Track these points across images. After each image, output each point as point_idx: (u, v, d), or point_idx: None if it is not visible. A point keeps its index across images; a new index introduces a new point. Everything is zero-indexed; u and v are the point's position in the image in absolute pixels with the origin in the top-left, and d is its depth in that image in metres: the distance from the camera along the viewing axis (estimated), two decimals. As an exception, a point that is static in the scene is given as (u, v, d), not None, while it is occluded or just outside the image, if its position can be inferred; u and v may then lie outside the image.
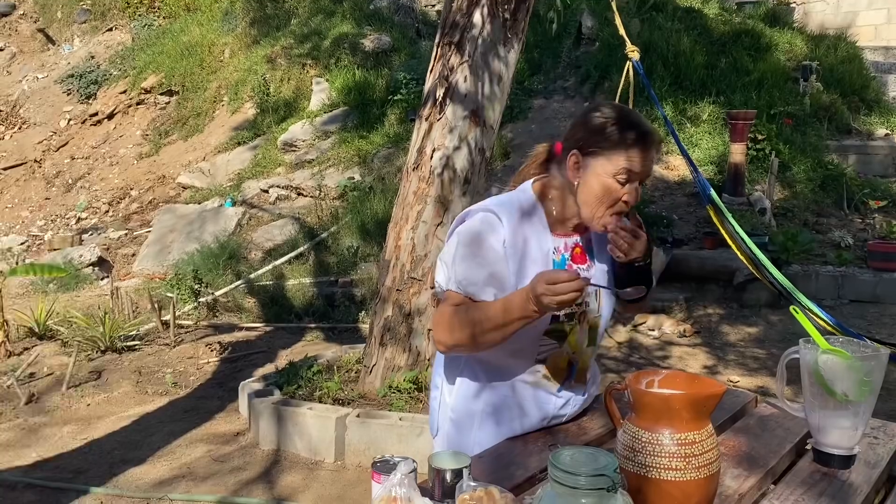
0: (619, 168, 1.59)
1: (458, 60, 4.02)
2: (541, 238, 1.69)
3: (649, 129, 1.62)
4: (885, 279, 6.16)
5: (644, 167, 1.61)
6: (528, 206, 1.71)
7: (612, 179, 1.60)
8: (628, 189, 1.61)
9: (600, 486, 1.14)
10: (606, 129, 1.61)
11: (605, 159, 1.60)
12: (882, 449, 1.71)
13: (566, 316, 1.68)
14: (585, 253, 1.76)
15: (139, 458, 3.95)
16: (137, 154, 11.40)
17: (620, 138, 1.59)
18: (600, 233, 1.71)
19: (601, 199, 1.61)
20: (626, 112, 1.64)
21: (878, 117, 8.69)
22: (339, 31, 11.28)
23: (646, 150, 1.59)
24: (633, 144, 1.58)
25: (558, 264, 1.70)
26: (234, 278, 7.22)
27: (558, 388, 1.76)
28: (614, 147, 1.59)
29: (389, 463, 1.38)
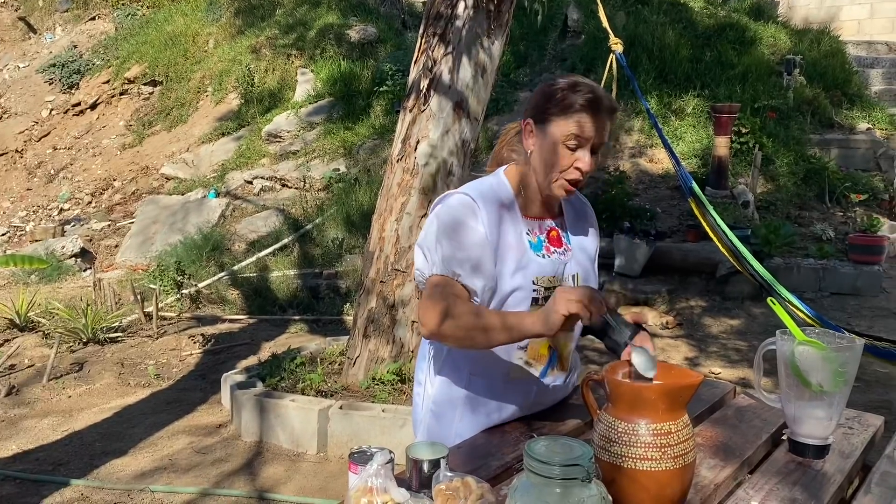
0: (568, 133, 1.59)
1: (443, 52, 4.01)
2: (515, 222, 1.69)
3: (600, 94, 1.61)
4: (866, 272, 6.22)
5: (594, 132, 1.59)
6: (501, 190, 1.71)
7: (562, 146, 1.60)
8: (580, 155, 1.60)
9: (574, 475, 1.14)
10: (557, 95, 1.61)
11: (555, 125, 1.61)
12: (856, 439, 1.72)
13: (544, 299, 1.67)
14: (562, 237, 1.77)
15: (120, 449, 3.92)
16: (121, 145, 11.30)
17: (569, 103, 1.59)
18: (563, 201, 1.75)
19: (553, 165, 1.62)
20: (578, 79, 1.64)
21: (859, 111, 8.75)
22: (324, 21, 11.22)
23: (595, 114, 1.58)
24: (581, 109, 1.58)
25: (534, 246, 1.70)
26: (217, 270, 7.19)
27: (540, 374, 1.76)
28: (564, 112, 1.59)
29: (366, 454, 1.37)
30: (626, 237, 6.44)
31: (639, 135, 8.30)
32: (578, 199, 1.87)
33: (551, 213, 1.77)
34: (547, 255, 1.71)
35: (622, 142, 8.32)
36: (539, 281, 1.67)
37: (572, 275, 1.74)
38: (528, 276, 1.66)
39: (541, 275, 1.67)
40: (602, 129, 1.61)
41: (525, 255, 1.67)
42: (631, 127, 8.41)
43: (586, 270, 1.78)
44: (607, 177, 7.39)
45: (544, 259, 1.70)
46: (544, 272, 1.68)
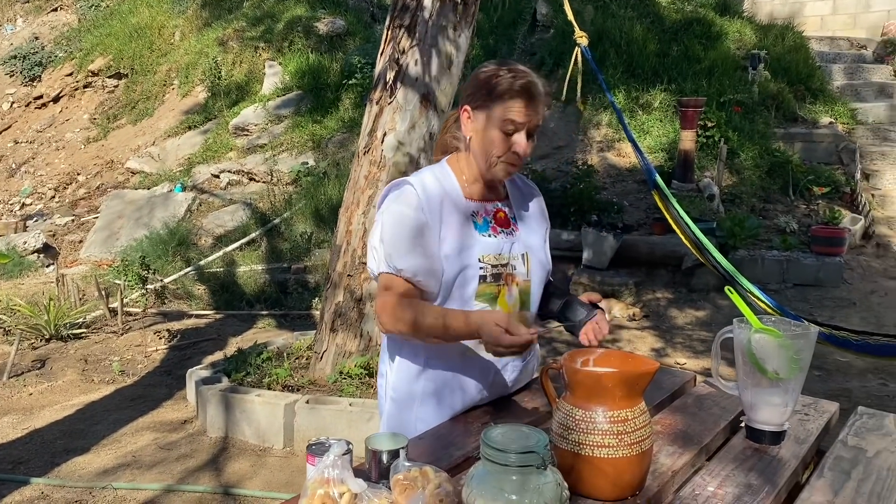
0: (503, 118, 1.64)
1: (409, 43, 3.99)
2: (458, 206, 1.73)
3: (532, 79, 1.66)
4: (828, 263, 6.33)
5: (528, 117, 1.65)
6: (444, 178, 1.76)
7: (497, 130, 1.66)
8: (517, 139, 1.66)
9: (530, 462, 1.14)
10: (490, 81, 1.66)
11: (490, 111, 1.66)
12: (812, 425, 1.75)
13: (493, 277, 1.72)
14: (509, 218, 1.81)
15: (83, 447, 3.86)
16: (85, 138, 11.11)
17: (503, 90, 1.64)
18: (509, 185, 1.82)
19: (491, 149, 1.68)
20: (510, 65, 1.69)
21: (822, 106, 8.88)
22: (292, 14, 11.12)
23: (528, 100, 1.64)
24: (515, 95, 1.63)
25: (480, 227, 1.74)
26: (183, 265, 7.11)
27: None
28: (498, 98, 1.65)
29: (324, 445, 1.36)
30: (594, 230, 6.48)
31: (606, 129, 8.35)
32: (525, 183, 1.92)
33: (496, 195, 1.82)
34: (493, 234, 1.76)
35: (590, 136, 8.37)
36: (485, 259, 1.72)
37: (521, 254, 1.78)
38: (474, 254, 1.70)
39: (486, 253, 1.72)
40: (537, 112, 1.66)
41: (470, 235, 1.72)
42: (599, 121, 8.46)
43: (535, 250, 1.82)
44: (575, 171, 7.42)
45: (490, 238, 1.74)
46: (490, 251, 1.73)
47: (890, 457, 1.59)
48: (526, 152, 1.68)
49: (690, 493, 1.41)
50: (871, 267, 6.70)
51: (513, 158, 1.68)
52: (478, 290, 1.70)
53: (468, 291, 1.70)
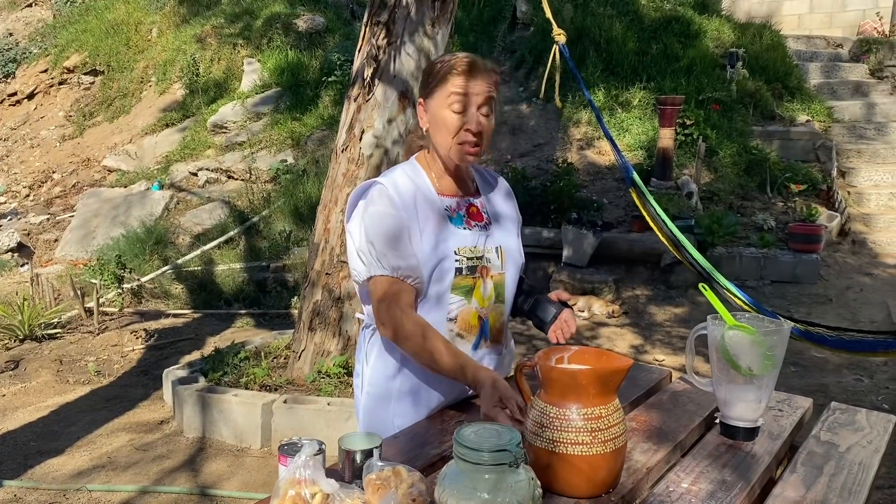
0: (448, 95, 1.67)
1: (387, 41, 3.97)
2: (432, 201, 1.74)
3: (474, 57, 1.70)
4: (805, 260, 6.39)
5: (474, 90, 1.66)
6: (415, 174, 1.77)
7: (447, 110, 1.68)
8: (469, 116, 1.67)
9: (503, 461, 1.14)
10: (433, 69, 1.72)
11: (437, 94, 1.70)
12: (785, 421, 1.76)
13: (468, 269, 1.73)
14: (482, 212, 1.82)
15: (57, 449, 3.81)
16: (60, 136, 10.97)
17: (446, 70, 1.69)
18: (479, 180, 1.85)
19: (445, 131, 1.69)
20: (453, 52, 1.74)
21: (799, 104, 8.97)
22: (271, 10, 11.05)
23: (469, 73, 1.67)
24: (457, 73, 1.67)
25: (455, 221, 1.75)
26: (161, 264, 7.04)
27: (472, 345, 1.77)
28: (442, 80, 1.69)
29: (296, 445, 1.35)
30: (574, 228, 6.50)
31: (586, 127, 8.37)
32: (493, 178, 1.94)
33: (468, 190, 1.83)
34: (468, 227, 1.77)
35: (570, 134, 8.38)
36: (461, 251, 1.73)
37: (495, 247, 1.79)
38: (450, 247, 1.71)
39: (462, 245, 1.73)
40: (483, 85, 1.67)
41: (445, 228, 1.73)
42: (579, 119, 8.48)
43: (509, 244, 1.83)
44: (555, 169, 7.44)
45: (465, 231, 1.75)
46: (466, 243, 1.74)
47: (861, 451, 1.61)
48: (480, 127, 1.68)
49: (665, 489, 1.41)
50: (847, 263, 6.78)
51: (466, 136, 1.68)
52: (453, 283, 1.71)
53: (444, 284, 1.71)
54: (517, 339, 5.28)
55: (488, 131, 1.71)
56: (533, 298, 1.87)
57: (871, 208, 7.73)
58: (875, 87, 9.48)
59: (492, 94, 1.69)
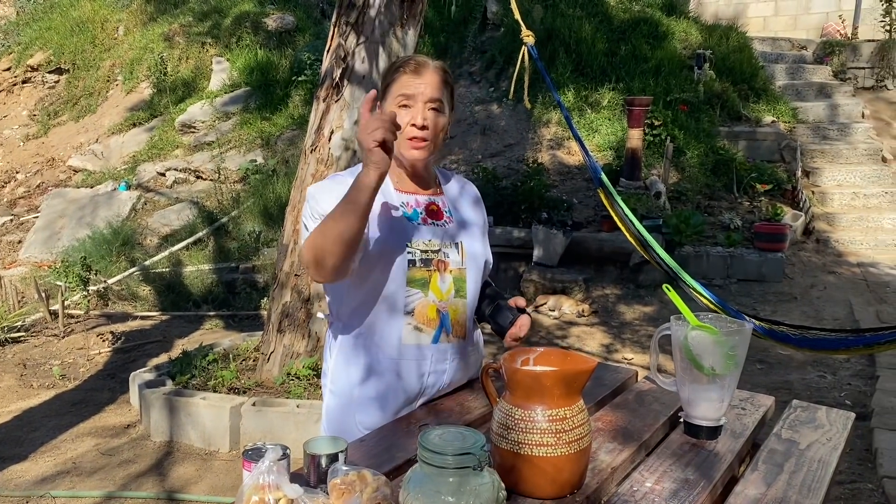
0: (395, 95, 1.73)
1: (356, 41, 3.96)
2: (388, 196, 1.77)
3: (420, 57, 1.77)
4: (770, 259, 6.49)
5: (419, 89, 1.71)
6: None
7: (395, 109, 1.72)
8: (415, 111, 1.71)
9: (467, 464, 1.14)
10: (385, 74, 1.79)
11: (389, 96, 1.75)
12: (748, 419, 1.79)
13: (422, 262, 1.74)
14: (443, 210, 1.84)
15: (20, 455, 3.74)
16: (24, 135, 10.77)
17: (394, 71, 1.76)
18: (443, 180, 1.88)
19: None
20: (406, 55, 1.78)
21: (765, 105, 9.11)
22: (240, 9, 10.96)
23: (414, 72, 1.72)
24: (402, 73, 1.73)
25: (410, 216, 1.77)
26: (128, 265, 6.94)
27: (433, 339, 1.77)
28: (390, 82, 1.75)
29: (260, 451, 1.34)
30: (544, 228, 6.53)
31: (556, 127, 8.42)
32: (458, 179, 1.97)
33: (427, 188, 1.85)
34: (423, 224, 1.79)
35: (540, 134, 8.43)
36: (414, 244, 1.74)
37: (454, 242, 1.81)
38: (402, 238, 1.74)
39: (415, 239, 1.75)
40: (427, 84, 1.72)
41: (399, 220, 1.75)
42: (549, 119, 8.53)
43: (470, 241, 1.84)
44: (526, 169, 7.47)
45: (420, 226, 1.78)
46: (421, 237, 1.76)
47: (821, 448, 1.63)
48: (427, 123, 1.71)
49: (629, 489, 1.42)
50: (812, 262, 6.90)
51: (412, 132, 1.71)
52: (408, 276, 1.72)
53: (399, 274, 1.72)
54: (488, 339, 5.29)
55: (435, 127, 1.74)
56: (494, 304, 1.88)
57: (834, 207, 7.87)
58: (838, 89, 9.66)
59: (438, 94, 1.73)
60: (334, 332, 1.83)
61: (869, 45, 10.07)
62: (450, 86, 1.78)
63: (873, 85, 9.97)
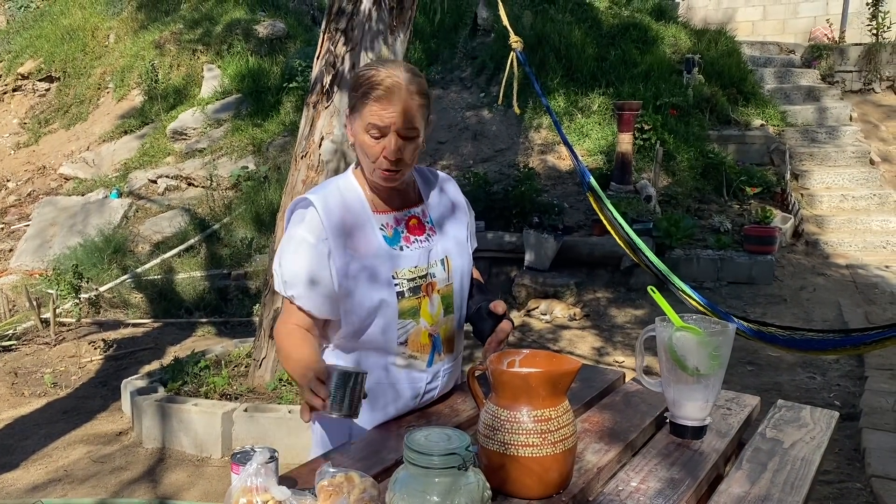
0: (366, 123, 1.59)
1: (345, 48, 3.98)
2: (365, 221, 1.68)
3: (394, 79, 1.58)
4: (760, 261, 6.53)
5: (388, 119, 1.57)
6: (348, 190, 1.71)
7: (366, 135, 1.61)
8: (385, 143, 1.59)
9: (452, 464, 1.15)
10: (356, 83, 1.62)
11: (357, 116, 1.62)
12: (733, 419, 1.81)
13: (410, 291, 1.68)
14: (424, 223, 1.77)
15: (11, 463, 3.74)
16: (15, 143, 10.75)
17: (361, 94, 1.60)
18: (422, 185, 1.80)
19: (365, 157, 1.64)
20: (378, 66, 1.62)
21: (754, 108, 9.17)
22: (231, 16, 10.97)
23: (387, 101, 1.57)
24: (374, 97, 1.58)
25: (390, 240, 1.69)
26: (119, 273, 6.93)
27: (427, 363, 1.76)
28: (359, 103, 1.61)
29: (248, 454, 1.35)
30: (536, 232, 6.56)
31: (547, 132, 8.46)
32: (435, 176, 1.88)
33: (407, 201, 1.76)
34: (406, 245, 1.71)
35: (531, 139, 8.46)
36: (399, 274, 1.67)
37: (440, 259, 1.75)
38: (388, 271, 1.66)
39: (400, 268, 1.68)
40: (397, 113, 1.58)
41: (381, 251, 1.67)
42: (539, 124, 8.56)
43: (456, 251, 1.79)
44: (517, 173, 7.50)
45: (403, 251, 1.70)
46: (404, 265, 1.68)
47: (805, 447, 1.66)
48: (398, 155, 1.60)
49: (614, 488, 1.44)
50: (801, 264, 6.95)
51: (385, 164, 1.61)
52: (400, 309, 1.67)
53: (388, 313, 1.66)
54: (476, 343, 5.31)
55: (409, 155, 1.62)
56: (477, 307, 1.81)
57: (823, 210, 7.93)
58: (826, 92, 9.74)
59: (411, 121, 1.59)
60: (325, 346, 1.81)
61: (856, 49, 10.15)
62: (426, 96, 1.63)
63: (861, 88, 10.05)
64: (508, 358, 1.49)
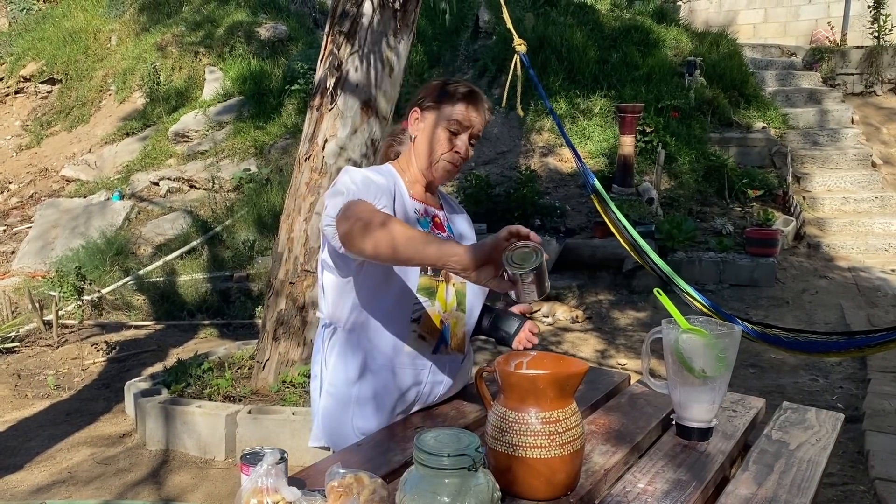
0: (450, 118, 1.78)
1: (349, 50, 3.99)
2: (405, 199, 1.80)
3: (476, 89, 1.84)
4: (762, 264, 6.53)
5: (471, 120, 1.79)
6: (388, 173, 1.83)
7: (444, 129, 1.78)
8: (460, 140, 1.80)
9: (462, 465, 1.16)
10: (443, 87, 1.83)
11: (438, 111, 1.80)
12: (739, 421, 1.81)
13: (432, 270, 1.77)
14: (445, 226, 1.88)
15: (15, 464, 3.74)
16: (17, 146, 10.76)
17: (450, 93, 1.80)
18: (440, 197, 1.93)
19: (434, 147, 1.79)
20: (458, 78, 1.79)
21: (755, 111, 9.18)
22: (233, 18, 10.99)
23: (472, 104, 1.79)
24: (460, 99, 1.79)
25: (423, 224, 1.81)
26: (122, 275, 6.94)
27: (433, 349, 1.79)
28: (445, 100, 1.80)
29: (258, 455, 1.36)
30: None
31: (548, 134, 8.46)
32: (457, 205, 2.03)
33: (433, 202, 1.89)
34: (432, 233, 1.80)
35: (533, 141, 8.47)
36: None
37: None
38: None
39: None
40: (479, 118, 1.81)
41: (415, 227, 1.75)
42: (541, 127, 8.57)
43: None
44: (518, 176, 7.51)
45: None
46: None
47: (810, 449, 1.66)
48: (467, 155, 1.82)
49: (622, 490, 1.44)
50: (803, 266, 6.95)
51: (454, 158, 1.79)
52: (419, 284, 1.75)
53: (409, 282, 1.74)
54: (481, 346, 5.31)
55: (468, 157, 1.84)
56: (493, 314, 1.91)
57: (824, 212, 7.93)
58: (827, 95, 9.74)
59: (482, 130, 1.83)
60: (329, 332, 1.83)
61: (857, 52, 10.16)
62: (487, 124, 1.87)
63: (862, 91, 10.06)
64: (516, 360, 1.50)
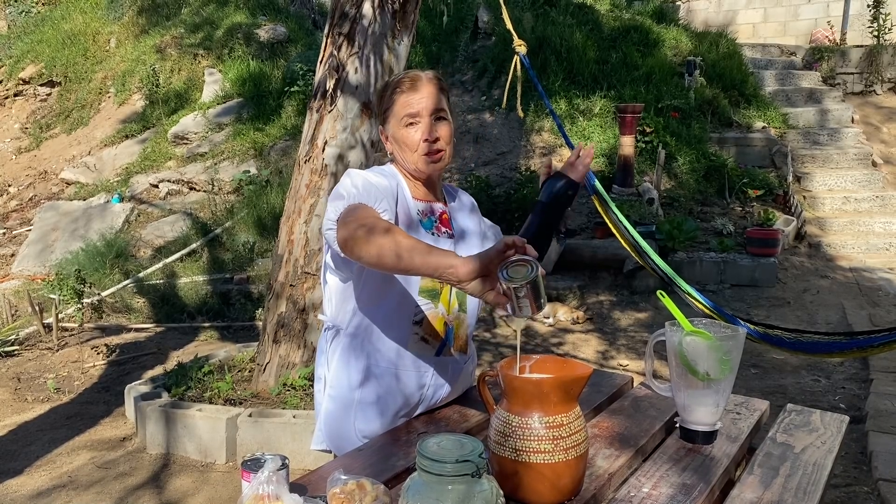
0: (401, 117, 1.74)
1: (349, 52, 3.98)
2: (407, 200, 1.78)
3: (412, 73, 1.76)
4: (763, 264, 6.52)
5: (418, 103, 1.72)
6: (391, 172, 1.81)
7: (403, 129, 1.74)
8: (423, 127, 1.72)
9: (465, 472, 1.15)
10: (381, 95, 1.80)
11: (391, 117, 1.76)
12: (743, 423, 1.80)
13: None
14: (450, 223, 1.85)
15: (15, 469, 3.72)
16: (16, 148, 10.76)
17: (391, 94, 1.76)
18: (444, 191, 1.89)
19: (408, 150, 1.75)
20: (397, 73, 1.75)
21: (755, 111, 9.16)
22: (232, 20, 10.99)
23: (410, 89, 1.73)
24: (401, 92, 1.74)
25: (425, 224, 1.78)
26: (122, 277, 6.93)
27: (436, 352, 1.78)
28: (388, 105, 1.77)
29: (259, 461, 1.35)
30: (538, 235, 6.54)
31: (548, 135, 8.45)
32: (458, 193, 1.98)
33: (438, 198, 1.86)
34: (437, 233, 1.79)
35: (532, 142, 8.46)
36: None
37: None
38: None
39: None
40: (428, 97, 1.73)
41: (416, 229, 1.74)
42: (541, 127, 8.56)
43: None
44: (519, 176, 7.50)
45: (433, 237, 1.77)
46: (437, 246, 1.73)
47: (816, 452, 1.65)
48: (436, 134, 1.73)
49: (626, 494, 1.43)
50: (804, 266, 6.94)
51: (428, 147, 1.73)
52: (422, 286, 1.73)
53: (411, 284, 1.72)
54: (483, 346, 5.30)
55: (446, 135, 1.75)
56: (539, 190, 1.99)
57: (825, 212, 7.92)
58: (827, 94, 9.73)
59: (439, 103, 1.74)
60: (332, 335, 1.82)
61: (857, 51, 10.15)
62: (446, 92, 1.78)
63: (862, 90, 10.05)
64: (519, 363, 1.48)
